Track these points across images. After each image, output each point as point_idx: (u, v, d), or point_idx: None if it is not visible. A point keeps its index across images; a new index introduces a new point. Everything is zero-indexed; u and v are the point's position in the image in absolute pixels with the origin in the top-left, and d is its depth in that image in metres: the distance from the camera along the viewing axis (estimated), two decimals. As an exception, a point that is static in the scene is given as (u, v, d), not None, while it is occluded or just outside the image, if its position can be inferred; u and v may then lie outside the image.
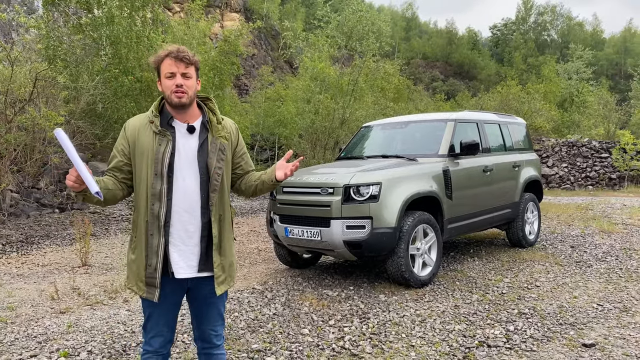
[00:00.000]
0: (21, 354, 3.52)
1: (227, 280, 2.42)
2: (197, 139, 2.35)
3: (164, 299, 2.34)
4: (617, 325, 4.18)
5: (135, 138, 2.32)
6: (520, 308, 4.61)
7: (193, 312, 2.51)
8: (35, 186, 11.04)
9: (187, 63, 2.29)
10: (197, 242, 2.34)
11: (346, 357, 3.58)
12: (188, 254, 2.33)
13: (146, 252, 2.31)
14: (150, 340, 2.42)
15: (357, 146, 7.00)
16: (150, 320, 2.41)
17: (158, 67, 2.33)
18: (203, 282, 2.38)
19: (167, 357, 2.49)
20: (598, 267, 6.16)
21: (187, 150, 2.32)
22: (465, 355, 3.59)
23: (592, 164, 19.25)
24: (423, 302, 4.79)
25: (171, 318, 2.44)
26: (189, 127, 2.34)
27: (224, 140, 2.39)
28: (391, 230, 4.96)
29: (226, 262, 2.41)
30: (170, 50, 2.29)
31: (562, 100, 34.91)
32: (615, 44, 75.78)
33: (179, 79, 2.27)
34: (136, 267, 2.34)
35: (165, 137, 2.30)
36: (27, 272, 6.18)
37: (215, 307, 2.47)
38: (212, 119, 2.40)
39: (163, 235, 2.29)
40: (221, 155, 2.36)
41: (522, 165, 7.26)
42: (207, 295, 2.42)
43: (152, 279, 2.30)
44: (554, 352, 3.64)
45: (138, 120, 2.38)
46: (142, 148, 2.30)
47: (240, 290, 5.15)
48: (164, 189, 2.27)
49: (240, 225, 9.93)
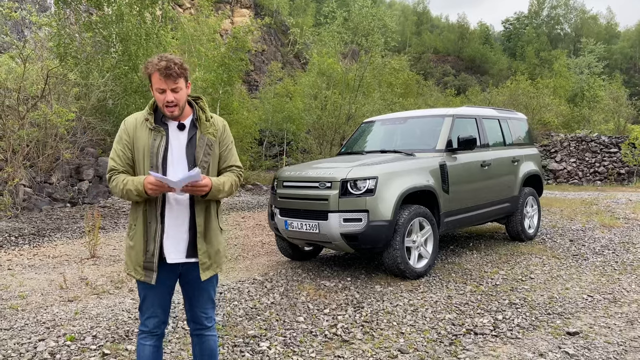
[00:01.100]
0: (30, 338, 3.73)
1: (213, 266, 2.60)
2: (186, 135, 2.55)
3: (158, 283, 2.54)
4: (603, 315, 4.29)
5: (133, 133, 2.53)
6: (512, 299, 4.74)
7: (185, 296, 2.70)
8: (47, 181, 11.32)
9: (176, 77, 2.42)
10: (186, 229, 2.53)
11: (337, 342, 3.74)
12: (178, 240, 2.52)
13: (145, 239, 2.50)
14: (146, 321, 2.61)
15: (357, 141, 7.14)
16: (145, 302, 2.60)
17: (149, 77, 2.49)
18: (191, 267, 2.57)
19: (161, 337, 2.67)
20: (594, 260, 6.26)
21: (178, 145, 2.53)
22: (451, 341, 3.74)
23: (600, 159, 19.18)
24: (417, 292, 4.93)
25: (165, 301, 2.63)
26: (179, 125, 2.55)
27: (211, 137, 2.58)
28: (387, 223, 5.10)
29: (212, 249, 2.58)
30: (158, 65, 2.41)
31: (573, 94, 34.66)
32: (630, 38, 74.82)
33: (169, 95, 2.43)
34: (135, 253, 2.54)
35: (160, 133, 2.50)
36: (38, 263, 6.42)
37: (205, 291, 2.66)
38: (201, 117, 2.59)
39: (160, 223, 2.49)
40: (208, 149, 2.56)
41: (521, 160, 7.35)
42: (196, 280, 2.60)
43: (150, 263, 2.50)
44: (538, 339, 3.77)
45: (134, 118, 2.58)
46: (139, 143, 2.51)
47: (242, 280, 5.33)
48: None
49: (246, 220, 10.13)
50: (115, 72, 12.85)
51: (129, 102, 13.22)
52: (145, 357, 2.63)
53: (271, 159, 21.47)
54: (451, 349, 3.62)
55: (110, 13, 12.93)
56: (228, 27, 30.18)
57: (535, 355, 3.49)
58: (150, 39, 13.16)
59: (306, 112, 18.61)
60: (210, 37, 19.60)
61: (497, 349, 3.62)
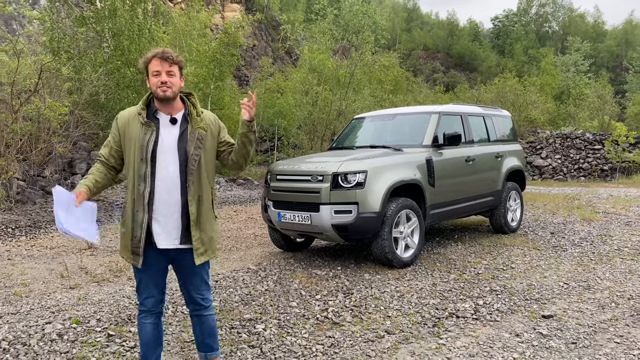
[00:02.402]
0: (37, 322, 3.93)
1: (208, 252, 2.81)
2: (178, 129, 2.74)
3: (150, 266, 2.76)
4: (577, 300, 4.59)
5: (125, 128, 2.73)
6: (493, 286, 5.02)
7: (180, 280, 2.93)
8: (40, 174, 11.44)
9: (171, 62, 2.68)
10: (178, 217, 2.72)
11: (328, 325, 3.99)
12: (170, 228, 2.72)
13: (132, 226, 2.72)
14: (144, 301, 2.85)
15: (348, 137, 7.38)
16: (141, 283, 2.84)
17: (146, 67, 2.72)
18: (185, 253, 2.77)
19: (160, 316, 2.91)
20: (572, 251, 6.57)
21: (169, 139, 2.71)
22: (435, 324, 4.01)
23: (585, 156, 19.63)
24: (404, 280, 5.19)
25: (159, 282, 2.85)
26: (171, 119, 2.73)
27: (202, 131, 2.76)
28: (375, 215, 5.36)
29: (205, 237, 2.78)
30: (156, 52, 2.69)
31: (559, 92, 35.20)
32: (616, 36, 75.82)
33: (164, 76, 2.66)
34: (125, 239, 2.77)
35: (150, 127, 2.69)
36: (37, 254, 6.60)
37: (199, 275, 2.87)
38: (193, 112, 2.78)
39: (147, 211, 2.69)
40: (199, 143, 2.74)
41: (505, 156, 7.64)
42: (189, 264, 2.81)
43: (137, 248, 2.72)
44: (515, 321, 4.06)
45: (128, 113, 2.79)
46: (131, 136, 2.71)
47: (236, 270, 5.56)
48: (148, 172, 2.67)
49: (238, 213, 10.35)
50: (108, 66, 12.96)
51: (122, 97, 13.33)
52: (147, 334, 2.87)
53: (262, 154, 21.64)
54: (434, 330, 3.89)
55: (103, 8, 13.02)
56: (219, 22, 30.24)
57: (512, 336, 3.77)
58: (142, 34, 13.27)
59: (297, 107, 18.81)
60: (201, 32, 19.70)
61: (477, 330, 3.89)
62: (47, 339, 3.60)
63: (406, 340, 3.69)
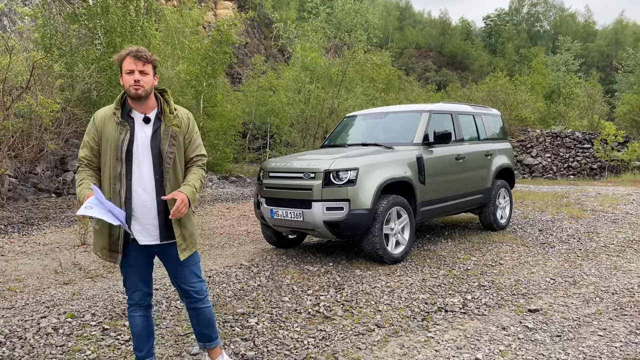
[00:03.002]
0: (32, 316, 3.98)
1: (190, 247, 2.84)
2: (151, 128, 2.75)
3: (135, 261, 2.80)
4: (563, 295, 4.70)
5: (102, 127, 2.74)
6: (481, 281, 5.12)
7: (169, 273, 2.97)
8: (32, 171, 11.42)
9: (145, 61, 2.69)
10: (156, 215, 2.75)
11: (320, 319, 4.07)
12: (148, 225, 2.76)
13: (109, 224, 2.69)
14: (132, 295, 2.91)
15: (340, 135, 7.46)
16: (127, 279, 2.89)
17: (120, 64, 2.73)
18: (168, 246, 2.82)
19: (149, 308, 2.97)
20: (560, 248, 6.69)
21: (143, 138, 2.73)
22: (424, 317, 4.10)
23: (574, 154, 19.85)
24: (394, 276, 5.28)
25: (144, 277, 2.90)
26: (144, 118, 2.75)
27: (175, 128, 2.78)
28: (367, 212, 5.44)
29: (186, 232, 2.82)
30: (130, 50, 2.70)
31: (549, 91, 35.49)
32: (606, 36, 76.45)
33: (137, 75, 2.66)
34: (99, 236, 2.78)
35: (125, 127, 2.71)
36: (30, 250, 6.62)
37: (186, 267, 2.90)
38: (165, 110, 2.79)
39: (124, 210, 2.69)
40: (173, 141, 2.76)
41: (494, 154, 7.76)
42: (174, 257, 2.84)
43: (115, 246, 2.76)
44: (502, 315, 4.16)
45: (104, 112, 2.79)
46: (107, 136, 2.72)
47: (229, 266, 5.63)
48: (123, 171, 2.70)
49: (230, 210, 10.40)
50: (100, 63, 12.94)
51: (114, 94, 13.28)
52: (137, 326, 2.94)
53: (254, 151, 21.68)
54: (423, 323, 3.98)
55: (95, 5, 13.00)
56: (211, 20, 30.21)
57: (499, 329, 3.87)
58: (135, 31, 13.26)
59: (289, 105, 18.87)
60: (194, 29, 19.71)
61: (465, 323, 3.99)
62: (43, 333, 3.65)
63: (396, 334, 3.78)
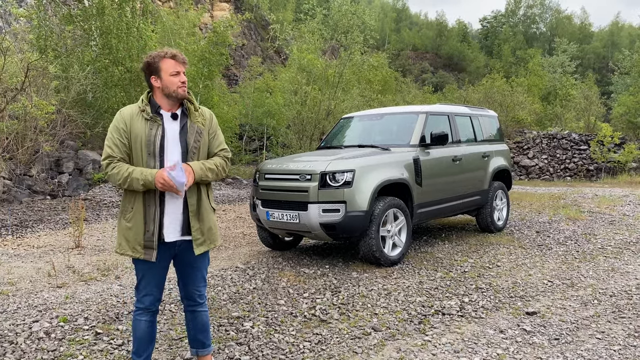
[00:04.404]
0: (24, 320, 3.92)
1: (207, 242, 2.86)
2: (178, 124, 2.82)
3: (157, 261, 2.78)
4: (560, 297, 4.67)
5: (130, 124, 2.76)
6: (478, 284, 5.09)
7: (179, 275, 2.95)
8: (27, 173, 11.34)
9: (184, 62, 2.83)
10: (181, 209, 2.79)
11: (316, 322, 4.03)
12: (175, 220, 2.78)
13: (145, 220, 2.74)
14: (142, 299, 2.85)
15: (336, 136, 7.42)
16: (142, 280, 2.84)
17: (156, 65, 2.76)
18: (186, 246, 2.83)
19: (155, 314, 2.92)
20: (557, 249, 6.67)
21: (172, 133, 2.79)
22: (421, 321, 4.06)
23: (571, 156, 19.85)
24: (391, 278, 5.25)
25: (160, 280, 2.88)
26: (172, 115, 2.82)
27: (200, 125, 2.86)
28: (363, 214, 5.40)
29: (204, 227, 2.84)
30: (168, 52, 2.80)
31: (546, 93, 35.56)
32: (602, 38, 76.74)
33: (183, 76, 2.81)
34: (133, 234, 2.75)
35: (156, 123, 2.76)
36: (24, 253, 6.55)
37: (199, 270, 2.93)
38: (190, 108, 2.86)
39: (159, 205, 2.74)
40: (198, 136, 2.83)
41: (491, 156, 7.73)
42: (191, 259, 2.87)
43: (150, 242, 2.74)
44: (500, 318, 4.12)
45: (130, 109, 2.82)
46: (136, 132, 2.75)
47: (224, 268, 5.58)
48: (157, 166, 2.74)
49: (227, 212, 10.34)
50: (96, 65, 12.89)
51: (109, 96, 13.26)
52: (141, 331, 2.88)
53: (251, 153, 21.63)
54: (420, 327, 3.94)
55: (90, 6, 12.94)
56: (208, 21, 30.14)
57: (496, 332, 3.83)
58: (130, 33, 13.21)
59: (286, 107, 18.82)
60: (190, 31, 19.64)
61: (462, 327, 3.95)
62: (35, 337, 3.59)
63: (392, 337, 3.74)
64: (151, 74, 2.79)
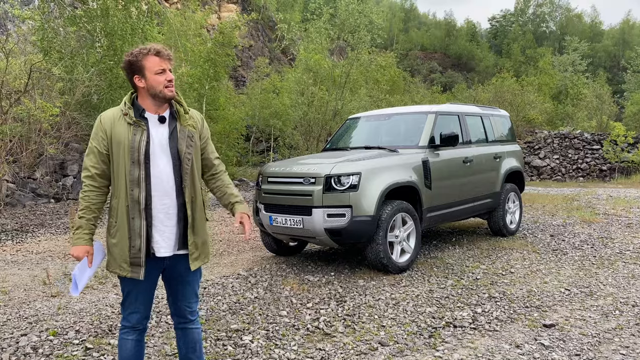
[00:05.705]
0: (12, 333, 3.73)
1: (201, 256, 2.63)
2: (167, 128, 2.55)
3: (145, 278, 2.53)
4: (579, 307, 4.40)
5: (111, 130, 2.49)
6: (491, 292, 4.83)
7: (169, 291, 2.71)
8: (31, 176, 11.23)
9: (169, 59, 2.53)
10: (175, 223, 2.54)
11: (319, 336, 3.80)
12: (168, 234, 2.53)
13: (129, 235, 2.48)
14: (128, 317, 2.62)
15: (342, 137, 7.19)
16: (128, 298, 2.61)
17: (140, 63, 2.48)
18: (179, 260, 2.59)
19: (143, 332, 2.70)
20: (573, 254, 6.39)
21: (160, 138, 2.51)
22: (431, 334, 3.81)
23: (583, 156, 19.46)
24: (399, 286, 5.00)
25: (148, 296, 2.64)
26: (160, 118, 2.53)
27: (191, 128, 2.59)
28: (370, 219, 5.16)
29: (199, 240, 2.61)
30: (151, 48, 2.50)
31: (557, 92, 35.06)
32: (613, 36, 75.71)
33: (169, 74, 2.51)
34: (119, 250, 2.51)
35: (140, 127, 2.48)
36: (21, 259, 6.39)
37: (190, 285, 2.69)
38: (180, 110, 2.59)
39: (144, 218, 2.47)
40: (190, 141, 2.57)
41: (503, 157, 7.46)
42: (182, 273, 2.63)
43: (137, 258, 2.49)
44: (515, 331, 3.87)
45: (111, 113, 2.54)
46: (118, 138, 2.47)
47: (226, 276, 5.37)
48: (142, 175, 2.46)
49: (230, 217, 10.14)
50: (100, 67, 12.74)
51: (114, 97, 13.09)
52: (127, 350, 2.65)
53: (258, 154, 21.45)
54: (430, 341, 3.70)
55: (95, 7, 12.81)
56: (215, 22, 30.03)
57: (512, 347, 3.58)
58: (135, 34, 13.06)
59: (293, 108, 18.62)
60: (197, 32, 19.52)
61: (475, 341, 3.70)
62: (20, 353, 3.40)
63: (401, 353, 3.50)
64: (134, 74, 2.50)
